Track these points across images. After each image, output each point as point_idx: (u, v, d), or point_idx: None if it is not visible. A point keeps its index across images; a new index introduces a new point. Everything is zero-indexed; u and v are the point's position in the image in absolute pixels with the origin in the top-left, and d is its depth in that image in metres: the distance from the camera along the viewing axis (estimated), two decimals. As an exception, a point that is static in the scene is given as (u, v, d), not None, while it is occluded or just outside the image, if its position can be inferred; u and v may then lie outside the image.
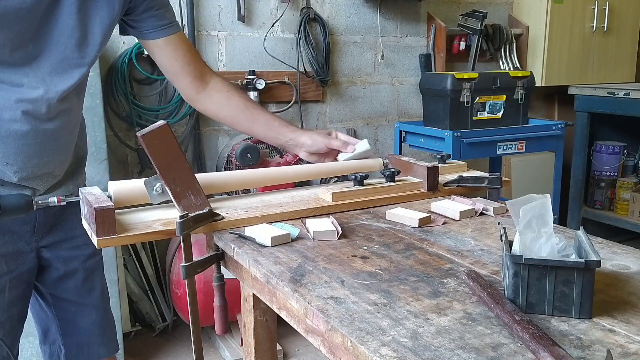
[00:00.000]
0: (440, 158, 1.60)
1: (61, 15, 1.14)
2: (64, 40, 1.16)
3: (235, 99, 1.46)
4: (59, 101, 1.19)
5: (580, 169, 3.69)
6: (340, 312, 0.83)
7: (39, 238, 1.31)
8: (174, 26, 1.36)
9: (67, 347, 1.41)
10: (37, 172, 1.21)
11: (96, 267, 1.43)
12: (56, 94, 1.18)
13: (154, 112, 2.73)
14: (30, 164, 1.20)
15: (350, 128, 3.34)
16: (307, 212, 1.28)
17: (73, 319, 1.40)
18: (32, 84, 1.15)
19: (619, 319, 0.81)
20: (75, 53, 1.19)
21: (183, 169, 1.17)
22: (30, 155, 1.19)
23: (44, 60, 1.16)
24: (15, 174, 1.19)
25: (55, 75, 1.17)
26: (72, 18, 1.15)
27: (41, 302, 1.41)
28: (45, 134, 1.19)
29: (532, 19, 3.67)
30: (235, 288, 1.34)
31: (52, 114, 1.19)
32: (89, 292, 1.41)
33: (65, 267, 1.36)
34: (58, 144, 1.23)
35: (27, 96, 1.14)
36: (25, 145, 1.17)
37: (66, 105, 1.22)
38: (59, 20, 1.15)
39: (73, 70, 1.19)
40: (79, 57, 1.19)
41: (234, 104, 1.46)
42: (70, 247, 1.36)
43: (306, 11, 3.05)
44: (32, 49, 1.14)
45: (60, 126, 1.22)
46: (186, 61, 1.40)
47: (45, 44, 1.15)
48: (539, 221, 0.85)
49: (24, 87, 1.14)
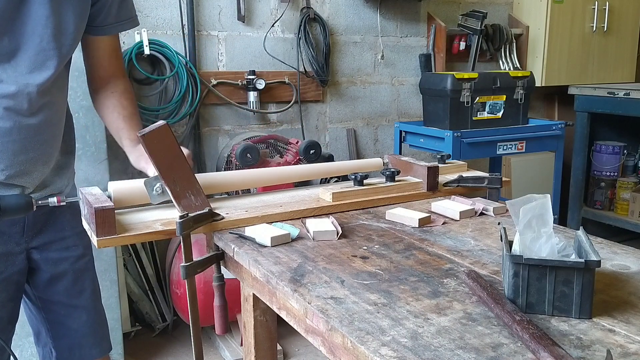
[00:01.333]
0: (440, 158, 1.60)
1: (33, 7, 1.13)
2: (39, 31, 1.15)
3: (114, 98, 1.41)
4: (39, 94, 1.17)
5: (580, 169, 3.69)
6: (340, 312, 0.83)
7: (29, 239, 1.29)
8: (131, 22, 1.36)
9: (59, 350, 1.40)
10: (24, 169, 1.20)
11: (86, 268, 1.41)
12: (35, 87, 1.16)
13: (154, 112, 2.73)
14: (16, 160, 1.18)
15: (350, 128, 3.34)
16: (307, 212, 1.28)
17: (63, 322, 1.39)
18: (10, 79, 1.14)
19: (619, 319, 0.81)
20: (52, 43, 1.17)
21: (183, 169, 1.17)
22: (16, 152, 1.17)
23: (22, 53, 1.14)
24: (2, 172, 1.17)
25: (34, 68, 1.16)
26: (44, 8, 1.14)
27: (30, 305, 1.39)
28: (29, 130, 1.18)
29: (532, 19, 3.67)
30: (235, 288, 1.34)
31: (34, 109, 1.18)
32: (79, 293, 1.39)
33: (54, 269, 1.35)
34: (43, 138, 1.22)
35: (7, 91, 1.13)
36: (9, 142, 1.16)
37: (48, 99, 1.21)
38: (32, 12, 1.13)
39: (50, 62, 1.18)
40: (55, 47, 1.18)
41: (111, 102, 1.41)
42: (59, 248, 1.34)
43: (306, 11, 3.04)
44: (8, 44, 1.13)
45: (44, 120, 1.21)
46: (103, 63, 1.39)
47: (21, 37, 1.14)
48: (539, 221, 0.85)
49: (3, 82, 1.13)
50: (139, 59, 2.65)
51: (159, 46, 2.67)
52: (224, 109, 2.95)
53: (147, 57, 2.67)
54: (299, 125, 3.13)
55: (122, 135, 1.38)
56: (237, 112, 2.97)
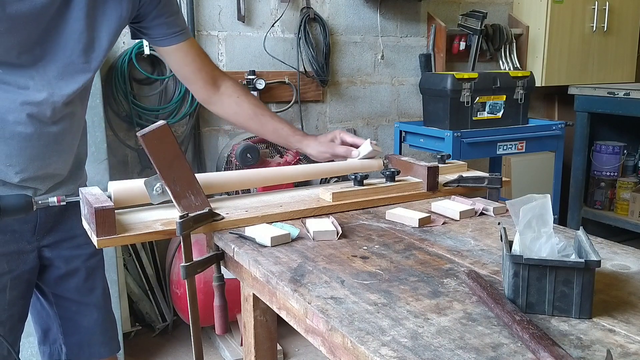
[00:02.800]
0: (440, 158, 1.60)
1: (69, 20, 1.15)
2: (71, 45, 1.17)
3: (245, 105, 1.49)
4: (63, 105, 1.19)
5: (580, 169, 3.69)
6: (340, 312, 0.83)
7: (40, 237, 1.31)
8: (184, 33, 1.38)
9: (69, 346, 1.41)
10: (39, 173, 1.22)
11: (97, 266, 1.43)
12: (61, 97, 1.18)
13: (154, 112, 2.73)
14: (33, 165, 1.20)
15: (350, 128, 3.33)
16: (307, 212, 1.28)
17: (74, 318, 1.40)
18: (37, 87, 1.15)
19: (619, 319, 0.81)
20: (82, 58, 1.19)
21: (183, 169, 1.17)
22: (33, 157, 1.19)
23: (50, 64, 1.16)
24: (17, 175, 1.19)
25: (61, 79, 1.18)
26: (80, 23, 1.16)
27: (43, 301, 1.41)
28: (48, 137, 1.20)
29: (532, 19, 3.67)
30: (235, 288, 1.34)
31: (57, 117, 1.20)
32: (90, 291, 1.41)
33: (66, 266, 1.36)
34: (61, 146, 1.24)
35: (33, 99, 1.15)
36: (28, 147, 1.18)
37: (70, 109, 1.23)
38: (67, 25, 1.15)
39: (78, 75, 1.20)
40: (84, 61, 1.20)
41: (243, 110, 1.49)
42: (71, 246, 1.36)
43: (306, 11, 3.05)
44: (39, 53, 1.14)
45: (64, 129, 1.23)
46: (196, 67, 1.42)
47: (52, 48, 1.15)
48: (539, 221, 0.85)
49: (30, 89, 1.14)
50: (139, 59, 2.65)
51: (159, 46, 2.67)
52: (224, 109, 2.94)
53: (147, 57, 2.67)
54: (299, 125, 3.13)
55: (281, 134, 1.50)
56: (237, 112, 2.96)
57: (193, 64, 1.42)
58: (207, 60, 1.46)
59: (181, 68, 1.43)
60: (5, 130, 1.14)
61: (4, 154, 1.16)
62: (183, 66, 1.42)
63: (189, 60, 1.41)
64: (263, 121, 1.50)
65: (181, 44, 1.37)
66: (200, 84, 1.45)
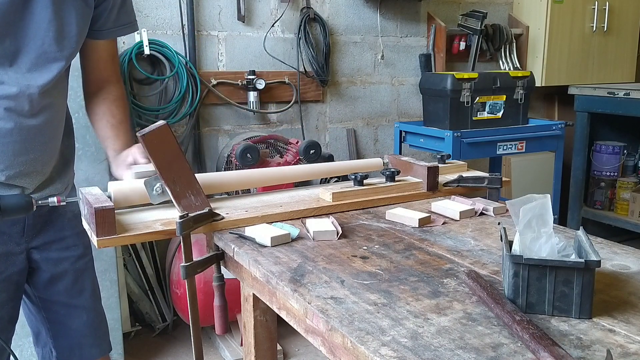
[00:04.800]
0: (440, 158, 1.60)
1: (36, 9, 1.14)
2: (41, 35, 1.16)
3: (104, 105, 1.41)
4: (40, 96, 1.18)
5: (580, 169, 3.68)
6: (340, 312, 0.83)
7: (29, 239, 1.30)
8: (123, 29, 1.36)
9: (59, 350, 1.40)
10: (25, 169, 1.21)
11: (86, 268, 1.41)
12: (37, 88, 1.17)
13: (154, 112, 2.73)
14: (17, 161, 1.19)
15: (350, 128, 3.34)
16: (307, 212, 1.28)
17: (63, 321, 1.39)
18: (12, 80, 1.14)
19: (619, 319, 0.81)
20: (54, 47, 1.18)
21: (183, 169, 1.17)
22: (16, 152, 1.18)
23: (23, 55, 1.15)
24: (2, 172, 1.18)
25: (35, 70, 1.17)
26: (47, 11, 1.15)
27: (30, 306, 1.40)
28: (29, 131, 1.19)
29: (532, 19, 3.67)
30: (235, 288, 1.34)
31: (35, 110, 1.19)
32: (79, 293, 1.40)
33: (55, 268, 1.35)
34: (43, 139, 1.23)
35: (8, 92, 1.14)
36: (10, 142, 1.17)
37: (49, 100, 1.22)
38: (34, 15, 1.14)
39: (52, 64, 1.19)
40: (57, 50, 1.19)
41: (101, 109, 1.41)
42: (59, 248, 1.35)
43: (306, 11, 3.04)
44: (10, 45, 1.13)
45: (45, 122, 1.22)
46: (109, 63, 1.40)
47: (23, 39, 1.15)
48: (539, 221, 0.85)
49: (5, 84, 1.14)
50: (139, 59, 2.65)
51: (159, 46, 2.67)
52: (223, 109, 2.95)
53: (147, 57, 2.67)
54: (299, 125, 3.13)
55: (107, 144, 1.39)
56: (237, 112, 2.97)
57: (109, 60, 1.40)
58: (117, 61, 1.45)
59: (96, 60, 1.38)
60: None
61: None
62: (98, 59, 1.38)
63: (107, 55, 1.39)
64: (100, 124, 1.41)
65: (112, 40, 1.37)
66: (90, 78, 1.41)
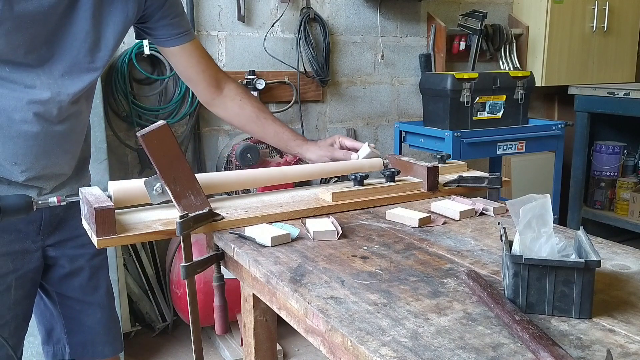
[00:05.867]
0: (440, 158, 1.60)
1: (76, 20, 1.15)
2: (77, 45, 1.17)
3: (247, 108, 1.50)
4: (70, 104, 1.20)
5: (580, 169, 3.69)
6: (340, 312, 0.83)
7: (45, 237, 1.32)
8: (188, 35, 1.38)
9: (72, 346, 1.42)
10: (44, 172, 1.23)
11: (101, 265, 1.43)
12: (67, 96, 1.19)
13: (154, 112, 2.73)
14: (38, 164, 1.21)
15: (350, 128, 3.34)
16: (307, 212, 1.28)
17: (78, 317, 1.41)
18: (44, 86, 1.16)
19: (619, 319, 0.81)
20: (87, 57, 1.20)
21: (183, 169, 1.17)
22: (39, 156, 1.20)
23: (57, 63, 1.17)
24: (22, 173, 1.20)
25: (67, 78, 1.18)
26: (86, 23, 1.16)
27: (46, 300, 1.41)
28: (54, 136, 1.20)
29: (532, 19, 3.67)
30: (235, 288, 1.34)
31: (63, 116, 1.20)
32: (94, 290, 1.41)
33: (71, 265, 1.37)
34: (66, 145, 1.25)
35: (39, 98, 1.15)
36: (34, 146, 1.18)
37: (76, 108, 1.23)
38: (73, 25, 1.15)
39: (84, 75, 1.21)
40: (90, 61, 1.20)
41: (246, 113, 1.50)
42: (75, 245, 1.37)
43: (306, 11, 3.05)
44: (46, 52, 1.15)
45: (70, 128, 1.23)
46: (200, 68, 1.43)
47: (59, 47, 1.16)
48: (539, 221, 0.85)
49: (36, 88, 1.15)
50: (139, 59, 2.65)
51: (159, 46, 2.67)
52: (224, 109, 2.94)
53: (147, 57, 2.67)
54: (299, 125, 3.13)
55: (283, 137, 1.51)
56: (237, 112, 2.96)
57: (197, 66, 1.42)
58: (210, 61, 1.46)
59: (185, 69, 1.43)
60: (11, 129, 1.15)
61: (10, 153, 1.17)
62: (187, 67, 1.42)
63: (194, 61, 1.41)
64: (264, 124, 1.51)
65: (186, 44, 1.38)
66: (203, 85, 1.46)
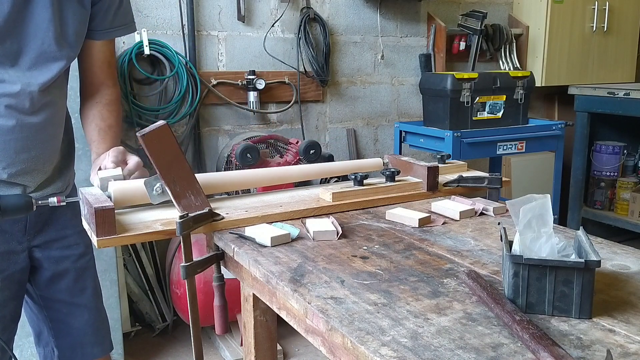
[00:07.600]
0: (440, 158, 1.60)
1: (36, 10, 1.16)
2: (41, 35, 1.17)
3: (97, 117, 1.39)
4: (40, 94, 1.19)
5: (580, 169, 3.69)
6: (340, 312, 0.83)
7: (31, 238, 1.31)
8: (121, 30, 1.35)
9: (61, 349, 1.41)
10: (26, 167, 1.22)
11: (87, 266, 1.42)
12: (37, 86, 1.19)
13: (154, 112, 2.73)
14: (19, 159, 1.20)
15: (350, 128, 3.34)
16: (307, 212, 1.28)
17: (65, 320, 1.39)
18: (12, 78, 1.16)
19: (619, 319, 0.81)
20: (53, 46, 1.20)
21: (183, 169, 1.17)
22: (18, 150, 1.19)
23: (24, 55, 1.17)
24: (4, 170, 1.19)
25: (35, 69, 1.18)
26: (46, 12, 1.17)
27: (32, 305, 1.40)
28: (31, 128, 1.20)
29: (532, 19, 3.67)
30: (235, 288, 1.34)
31: (36, 107, 1.20)
32: (80, 292, 1.40)
33: (56, 267, 1.36)
34: (44, 137, 1.24)
35: (9, 91, 1.15)
36: (12, 140, 1.18)
37: (49, 98, 1.23)
38: (34, 15, 1.16)
39: (52, 64, 1.21)
40: (57, 49, 1.20)
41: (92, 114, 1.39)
42: (61, 246, 1.36)
43: (306, 11, 3.04)
44: (11, 45, 1.15)
45: (46, 119, 1.23)
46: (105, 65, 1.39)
47: (24, 39, 1.16)
48: (539, 221, 0.85)
49: (6, 82, 1.15)
50: (139, 59, 2.65)
51: (159, 46, 2.67)
52: (224, 109, 2.95)
53: (147, 57, 2.67)
54: (299, 125, 3.13)
55: (92, 147, 1.37)
56: (237, 112, 2.97)
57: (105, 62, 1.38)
58: (114, 64, 1.42)
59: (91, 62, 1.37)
60: None
61: None
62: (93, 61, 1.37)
63: (103, 57, 1.37)
64: (89, 128, 1.38)
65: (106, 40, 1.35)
66: (92, 81, 1.39)
